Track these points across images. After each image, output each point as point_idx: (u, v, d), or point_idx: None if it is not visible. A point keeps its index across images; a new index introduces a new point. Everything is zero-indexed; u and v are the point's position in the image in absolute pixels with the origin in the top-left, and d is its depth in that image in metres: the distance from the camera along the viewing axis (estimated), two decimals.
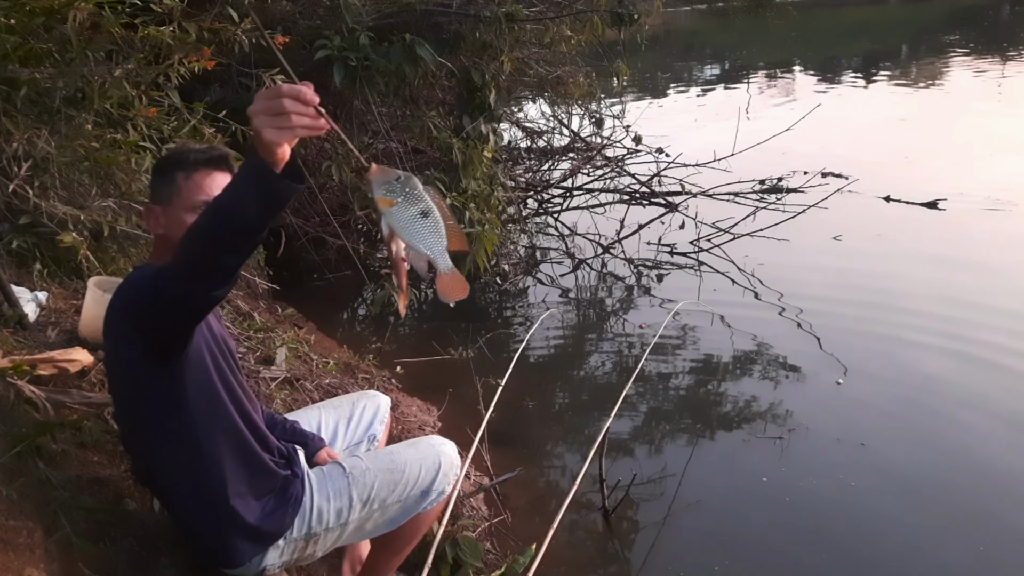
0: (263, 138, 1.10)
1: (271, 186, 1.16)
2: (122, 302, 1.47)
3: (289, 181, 1.17)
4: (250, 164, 1.16)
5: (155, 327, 1.38)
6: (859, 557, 2.58)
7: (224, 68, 3.76)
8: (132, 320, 1.42)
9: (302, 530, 1.66)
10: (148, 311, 1.36)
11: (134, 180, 3.00)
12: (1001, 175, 6.72)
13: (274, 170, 1.15)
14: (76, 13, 2.67)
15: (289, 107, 1.09)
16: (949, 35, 19.46)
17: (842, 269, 5.12)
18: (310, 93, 1.10)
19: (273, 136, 1.10)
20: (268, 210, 1.19)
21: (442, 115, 5.13)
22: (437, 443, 1.85)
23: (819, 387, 3.67)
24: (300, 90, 1.09)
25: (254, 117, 1.10)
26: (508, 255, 5.52)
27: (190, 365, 1.46)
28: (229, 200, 1.19)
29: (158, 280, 1.33)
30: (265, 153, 1.13)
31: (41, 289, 2.65)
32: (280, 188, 1.17)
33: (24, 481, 1.61)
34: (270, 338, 3.32)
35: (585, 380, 4.12)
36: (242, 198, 1.17)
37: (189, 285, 1.27)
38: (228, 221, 1.19)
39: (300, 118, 1.10)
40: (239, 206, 1.17)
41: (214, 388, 1.51)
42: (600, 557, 2.73)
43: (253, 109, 1.10)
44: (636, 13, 4.80)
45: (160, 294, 1.32)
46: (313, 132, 1.12)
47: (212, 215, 1.21)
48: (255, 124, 1.10)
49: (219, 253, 1.22)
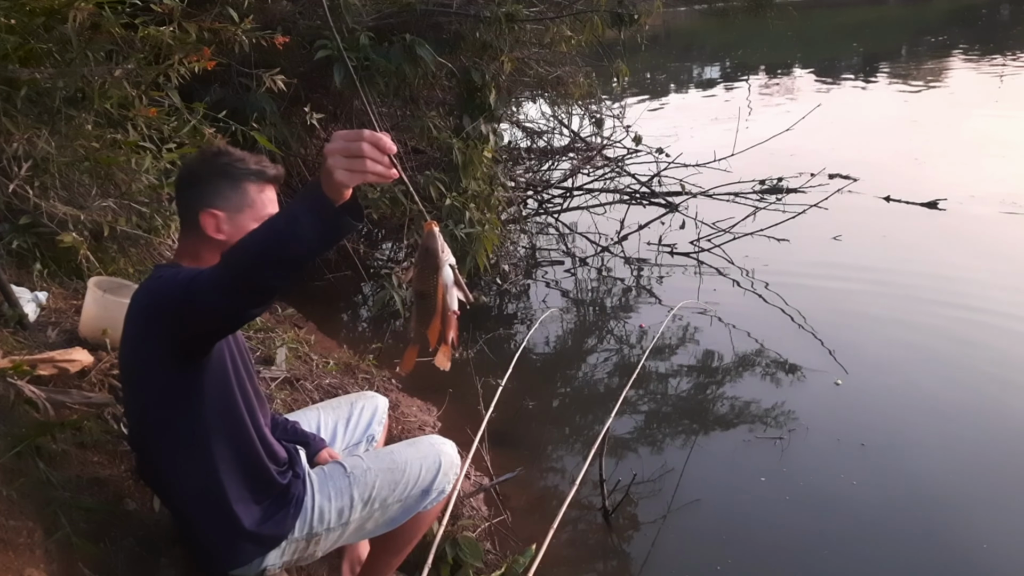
0: (334, 177, 1.12)
1: (333, 222, 1.18)
2: (151, 299, 1.46)
3: (349, 218, 1.19)
4: (314, 197, 1.17)
5: (183, 331, 1.37)
6: (859, 557, 2.58)
7: (224, 68, 3.76)
8: (159, 319, 1.41)
9: (303, 530, 1.66)
10: (180, 315, 1.35)
11: (134, 180, 3.00)
12: (1015, 177, 6.68)
13: (336, 207, 1.16)
14: (76, 13, 2.67)
15: (367, 152, 1.11)
16: (950, 35, 19.47)
17: (842, 269, 5.12)
18: (389, 142, 1.12)
19: (344, 178, 1.12)
20: (325, 243, 1.21)
21: (442, 115, 5.13)
22: (437, 442, 1.85)
23: (819, 387, 3.67)
24: (380, 138, 1.12)
25: (329, 155, 1.12)
26: (508, 255, 5.51)
27: (210, 369, 1.46)
28: (287, 227, 1.19)
29: (194, 285, 1.31)
30: (331, 191, 1.15)
31: (41, 289, 2.65)
32: (341, 224, 1.19)
33: (24, 481, 1.61)
34: (270, 338, 3.32)
35: (585, 380, 4.12)
36: (301, 227, 1.18)
37: (228, 299, 1.27)
38: (284, 247, 1.19)
39: (375, 165, 1.12)
40: (298, 234, 1.18)
41: (231, 394, 1.51)
42: (600, 557, 2.73)
43: (331, 148, 1.12)
44: (636, 13, 4.80)
45: (196, 301, 1.31)
46: (382, 180, 1.14)
47: (267, 237, 1.21)
48: (329, 162, 1.12)
49: (267, 274, 1.23)
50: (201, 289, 1.29)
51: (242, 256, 1.24)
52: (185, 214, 1.58)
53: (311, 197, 1.17)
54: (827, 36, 22.81)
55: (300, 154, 4.73)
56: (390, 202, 4.32)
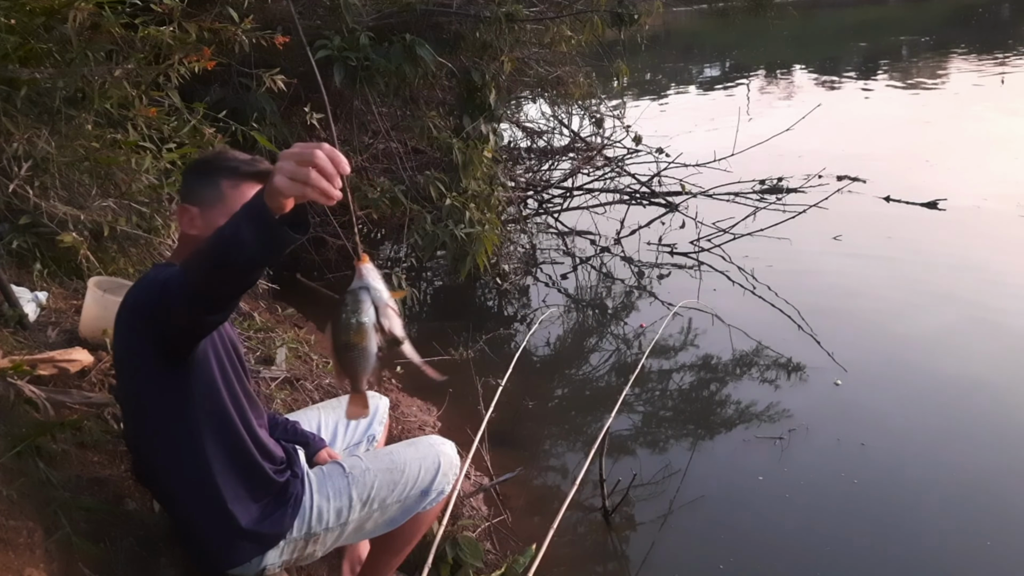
0: (274, 183, 1.09)
1: (269, 232, 1.13)
2: (134, 301, 1.47)
3: (289, 229, 1.14)
4: (254, 205, 1.14)
5: (161, 333, 1.38)
6: (860, 556, 2.58)
7: (224, 68, 3.76)
8: (140, 321, 1.42)
9: (302, 530, 1.66)
10: (156, 316, 1.36)
11: (134, 180, 3.00)
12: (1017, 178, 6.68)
13: (273, 215, 1.12)
14: (76, 13, 2.67)
15: (320, 162, 1.07)
16: (950, 35, 19.45)
17: (842, 269, 5.12)
18: (344, 161, 1.09)
19: (283, 184, 1.08)
20: (264, 252, 1.16)
21: (442, 115, 5.13)
22: (436, 443, 1.85)
23: (819, 387, 3.67)
24: (337, 154, 1.08)
25: (280, 159, 1.09)
26: (508, 255, 5.51)
27: (196, 369, 1.46)
28: (231, 233, 1.16)
29: (167, 289, 1.32)
30: (270, 198, 1.11)
31: (41, 289, 2.65)
32: (280, 235, 1.14)
33: (24, 481, 1.61)
34: (270, 338, 3.32)
35: (585, 380, 4.12)
36: (240, 234, 1.14)
37: (188, 303, 1.27)
38: (226, 254, 1.17)
39: (319, 179, 1.07)
40: (239, 241, 1.15)
41: (218, 394, 1.51)
42: (600, 557, 2.73)
43: (285, 152, 1.09)
44: (636, 13, 4.81)
45: (166, 304, 1.31)
46: (324, 198, 1.09)
47: (215, 243, 1.19)
48: (276, 166, 1.09)
49: (215, 281, 1.21)
50: (170, 293, 1.30)
51: (196, 261, 1.23)
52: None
53: (253, 205, 1.14)
54: (827, 36, 22.81)
55: None
56: (390, 202, 4.33)
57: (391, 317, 1.19)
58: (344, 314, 1.16)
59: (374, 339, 1.17)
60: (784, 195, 6.24)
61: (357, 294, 1.17)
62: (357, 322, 1.16)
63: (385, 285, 1.20)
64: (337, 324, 1.17)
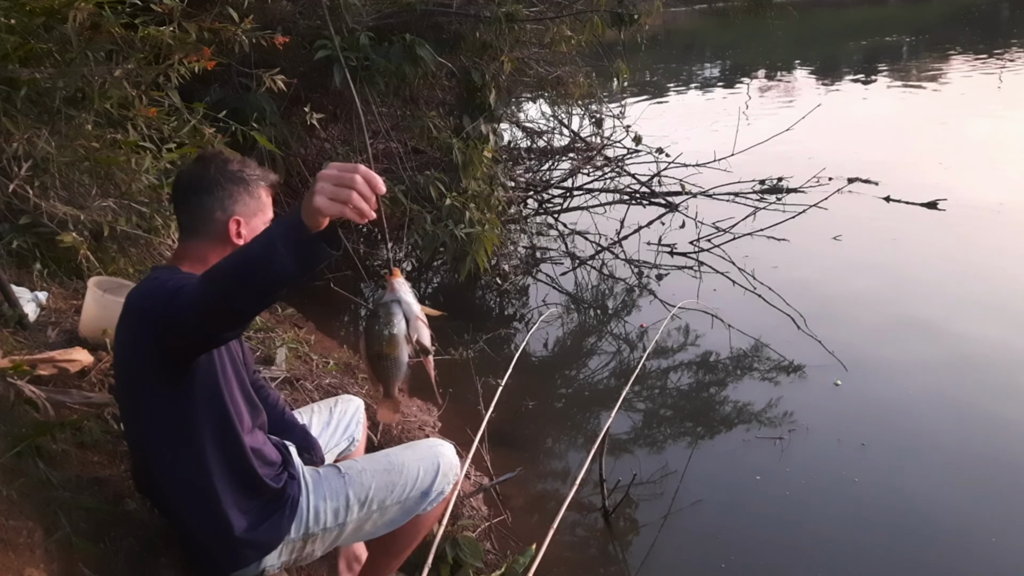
0: (314, 201, 1.10)
1: (308, 249, 1.16)
2: (140, 303, 1.46)
3: (325, 246, 1.17)
4: (290, 223, 1.15)
5: (167, 341, 1.38)
6: (860, 556, 2.58)
7: (224, 68, 3.76)
8: (148, 323, 1.41)
9: (299, 531, 1.65)
10: (163, 324, 1.36)
11: (134, 180, 3.00)
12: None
13: (312, 233, 1.14)
14: (76, 13, 2.68)
15: (359, 185, 1.10)
16: (950, 35, 19.44)
17: (842, 269, 5.12)
18: (381, 183, 1.12)
19: (323, 204, 1.10)
20: (300, 270, 1.18)
21: (442, 115, 5.12)
22: (435, 444, 1.85)
23: (819, 387, 3.67)
24: (374, 176, 1.11)
25: (319, 180, 1.10)
26: (508, 255, 5.52)
27: (199, 374, 1.46)
28: (263, 252, 1.17)
29: (176, 298, 1.32)
30: (308, 216, 1.13)
31: (41, 289, 2.65)
32: (317, 252, 1.16)
33: (24, 481, 1.61)
34: (270, 338, 3.32)
35: (585, 380, 4.12)
36: (276, 253, 1.16)
37: (203, 318, 1.27)
38: (259, 272, 1.18)
39: (360, 200, 1.10)
40: (273, 260, 1.16)
41: (220, 400, 1.50)
42: (600, 557, 2.73)
43: (323, 173, 1.11)
44: (636, 13, 4.80)
45: (175, 315, 1.31)
46: (358, 218, 1.12)
47: (244, 262, 1.20)
48: (317, 186, 1.10)
49: (241, 299, 1.22)
50: (181, 304, 1.30)
51: (220, 279, 1.24)
52: (193, 219, 1.58)
53: (288, 225, 1.16)
54: (828, 36, 22.80)
55: (300, 154, 4.73)
56: (390, 202, 4.32)
57: (420, 329, 1.28)
58: (377, 326, 1.25)
59: (405, 349, 1.26)
60: (784, 195, 6.23)
61: (390, 307, 1.25)
62: (389, 333, 1.25)
63: (415, 298, 1.29)
64: (370, 335, 1.26)
